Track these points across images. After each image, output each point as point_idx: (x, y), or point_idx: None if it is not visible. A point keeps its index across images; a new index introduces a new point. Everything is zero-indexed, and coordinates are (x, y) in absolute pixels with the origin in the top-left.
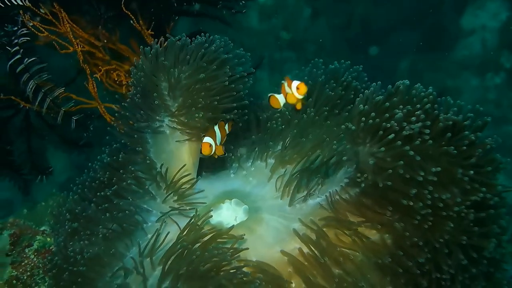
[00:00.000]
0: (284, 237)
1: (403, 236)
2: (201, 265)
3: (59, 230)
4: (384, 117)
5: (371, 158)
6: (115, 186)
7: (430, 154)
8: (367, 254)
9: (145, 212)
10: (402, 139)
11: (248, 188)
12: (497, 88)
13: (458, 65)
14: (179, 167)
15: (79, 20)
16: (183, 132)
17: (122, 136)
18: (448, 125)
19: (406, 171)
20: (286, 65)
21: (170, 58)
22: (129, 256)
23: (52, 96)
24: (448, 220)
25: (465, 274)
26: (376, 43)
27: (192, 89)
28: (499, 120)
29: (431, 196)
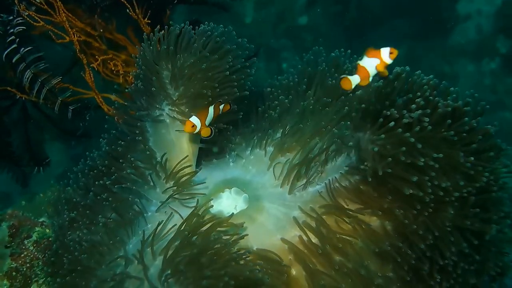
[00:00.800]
0: (284, 225)
1: (403, 223)
2: (202, 254)
3: (57, 219)
4: (384, 104)
5: (371, 145)
6: (114, 175)
7: (430, 140)
8: (367, 241)
9: (145, 201)
10: (402, 126)
11: (248, 176)
12: (492, 74)
13: (454, 51)
14: (179, 156)
15: (75, 10)
16: (183, 121)
17: (121, 124)
18: (448, 111)
19: (407, 158)
20: (282, 53)
21: (173, 47)
22: (130, 245)
23: (49, 86)
24: (449, 206)
25: (466, 260)
26: (373, 30)
27: (193, 78)
28: (495, 106)
29: (432, 183)
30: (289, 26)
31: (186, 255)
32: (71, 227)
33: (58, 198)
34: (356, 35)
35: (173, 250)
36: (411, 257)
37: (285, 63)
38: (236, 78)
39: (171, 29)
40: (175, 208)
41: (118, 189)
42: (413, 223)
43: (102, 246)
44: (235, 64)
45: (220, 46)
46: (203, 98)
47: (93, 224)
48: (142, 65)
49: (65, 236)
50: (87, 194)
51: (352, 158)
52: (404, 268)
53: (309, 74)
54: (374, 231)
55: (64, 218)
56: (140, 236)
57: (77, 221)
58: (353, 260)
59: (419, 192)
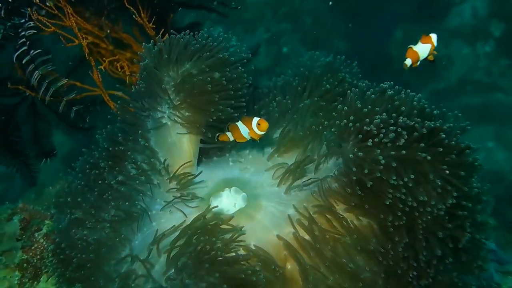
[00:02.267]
0: (280, 222)
1: (386, 225)
2: (205, 252)
3: (61, 217)
4: (364, 121)
5: (352, 155)
6: (117, 173)
7: (405, 158)
8: (355, 238)
9: (148, 199)
10: (379, 144)
11: (247, 175)
12: (487, 56)
13: (450, 33)
14: (180, 156)
15: (84, 12)
16: (183, 124)
17: (123, 123)
18: (424, 133)
19: (383, 174)
20: (283, 37)
21: (173, 55)
22: (136, 242)
23: (56, 86)
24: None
25: (440, 261)
26: (370, 13)
27: (193, 85)
28: (490, 87)
29: (405, 197)
30: (289, 10)
31: (189, 254)
32: (76, 225)
33: (61, 196)
34: (355, 17)
35: (177, 248)
36: (393, 255)
37: (285, 47)
38: (233, 87)
39: (172, 37)
40: (177, 207)
41: (122, 187)
42: (393, 226)
43: (108, 243)
44: (232, 73)
45: (218, 55)
46: (202, 103)
47: (99, 222)
48: (144, 72)
49: (71, 234)
50: (90, 192)
51: (340, 163)
52: (388, 264)
53: (306, 77)
54: (361, 229)
55: (68, 216)
56: (146, 234)
57: (81, 219)
58: (342, 255)
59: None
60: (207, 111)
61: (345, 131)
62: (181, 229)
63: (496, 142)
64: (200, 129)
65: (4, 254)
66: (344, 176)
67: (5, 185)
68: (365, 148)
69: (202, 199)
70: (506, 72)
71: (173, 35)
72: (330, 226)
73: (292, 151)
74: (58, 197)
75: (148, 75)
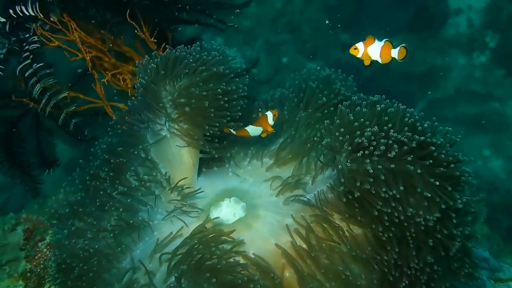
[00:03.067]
0: (278, 231)
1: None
2: (204, 260)
3: (61, 227)
4: (355, 134)
5: (344, 167)
6: (118, 184)
7: (395, 171)
8: (350, 247)
9: (150, 209)
10: (370, 156)
11: (246, 186)
12: (482, 66)
13: (446, 44)
14: (180, 167)
15: (86, 26)
16: (182, 137)
17: (123, 135)
18: (414, 147)
19: (372, 186)
20: (282, 47)
21: (170, 70)
22: (137, 251)
23: (57, 99)
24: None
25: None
26: (369, 23)
27: (189, 99)
28: (485, 97)
29: (395, 208)
30: (289, 20)
31: (189, 262)
32: (76, 235)
33: (61, 206)
34: (353, 27)
35: (178, 257)
36: (387, 263)
37: (285, 57)
38: (230, 98)
39: (168, 53)
40: (178, 217)
41: (123, 198)
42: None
43: (110, 252)
44: (229, 86)
45: (214, 69)
46: (200, 116)
47: (100, 232)
48: (141, 87)
49: (72, 244)
50: (90, 203)
51: (335, 174)
52: (382, 271)
53: (302, 90)
54: (356, 238)
55: (69, 226)
56: (147, 243)
57: (82, 229)
58: (338, 263)
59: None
60: (204, 125)
61: (337, 143)
62: (181, 238)
63: (492, 151)
64: (199, 141)
65: (8, 264)
66: (338, 186)
67: (5, 195)
68: (356, 160)
69: (203, 209)
70: (501, 82)
71: (169, 50)
72: (327, 235)
73: (290, 163)
74: (58, 208)
75: (146, 90)
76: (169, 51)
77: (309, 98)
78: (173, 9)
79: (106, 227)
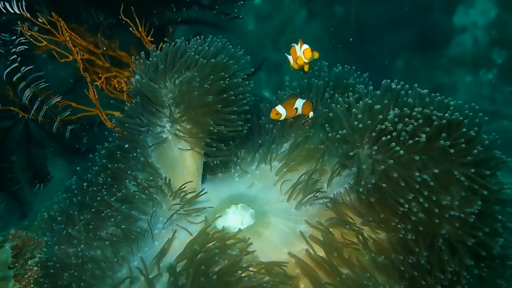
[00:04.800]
0: (291, 239)
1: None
2: (210, 271)
3: (53, 235)
4: (377, 118)
5: (368, 160)
6: (116, 190)
7: (426, 154)
8: (373, 253)
9: (150, 218)
10: (397, 140)
11: (254, 191)
12: (490, 84)
13: (452, 62)
14: (183, 172)
15: (78, 29)
16: (185, 138)
17: (122, 139)
18: (443, 124)
19: (402, 174)
20: (284, 66)
21: (170, 65)
22: (135, 262)
23: (49, 105)
24: (446, 222)
25: (470, 272)
26: (371, 43)
27: (193, 95)
28: (494, 115)
29: (429, 199)
30: (290, 39)
31: (193, 272)
32: (69, 242)
33: (54, 213)
34: (355, 47)
35: (179, 267)
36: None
37: (287, 76)
38: (236, 93)
39: (166, 46)
40: (181, 225)
41: (122, 205)
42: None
43: (105, 261)
44: (233, 78)
45: (217, 61)
46: (204, 113)
47: (94, 240)
48: (140, 84)
49: (63, 249)
50: (86, 209)
51: (354, 173)
52: (411, 279)
53: (312, 88)
54: (380, 243)
55: (61, 233)
56: (147, 254)
57: (75, 236)
58: (359, 272)
59: (415, 209)
60: (209, 122)
61: (356, 134)
62: (184, 248)
63: None
64: (203, 142)
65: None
66: (360, 184)
67: None
68: (382, 147)
69: (207, 218)
70: (510, 99)
71: (166, 44)
72: (346, 241)
73: (302, 166)
74: (51, 213)
75: (144, 88)
76: (168, 45)
77: (320, 96)
78: (170, 5)
79: (102, 235)
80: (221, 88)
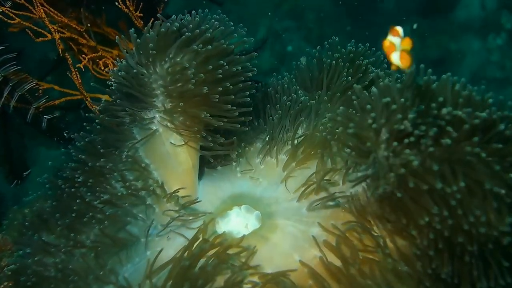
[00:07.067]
0: (302, 244)
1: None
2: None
3: (26, 242)
4: (395, 117)
5: (384, 162)
6: (99, 191)
7: (452, 161)
8: (395, 263)
9: (141, 223)
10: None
11: (259, 190)
12: (499, 50)
13: (459, 27)
14: (176, 169)
15: (58, 3)
16: (178, 131)
17: (105, 131)
18: (476, 125)
19: (421, 185)
20: (286, 34)
21: (162, 48)
22: (125, 274)
23: (22, 91)
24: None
25: None
26: (377, 9)
27: (187, 83)
28: (504, 82)
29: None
30: (292, 6)
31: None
32: (45, 251)
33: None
34: (360, 14)
35: (174, 279)
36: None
37: (290, 46)
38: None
39: (158, 25)
40: (178, 231)
41: (107, 208)
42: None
43: (88, 275)
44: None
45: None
46: (199, 105)
47: (76, 247)
48: (125, 70)
49: (38, 261)
50: (64, 212)
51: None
52: None
53: (323, 69)
54: (403, 251)
55: (35, 240)
56: (138, 265)
57: (52, 244)
58: (380, 283)
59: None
60: (206, 114)
61: (371, 132)
62: (179, 257)
63: None
64: (199, 135)
65: None
66: (377, 187)
67: None
68: (399, 152)
69: (206, 221)
70: None
71: (158, 23)
72: (365, 247)
73: (313, 159)
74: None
75: (131, 73)
76: (159, 24)
77: (332, 78)
78: None
79: (84, 243)
80: (219, 77)
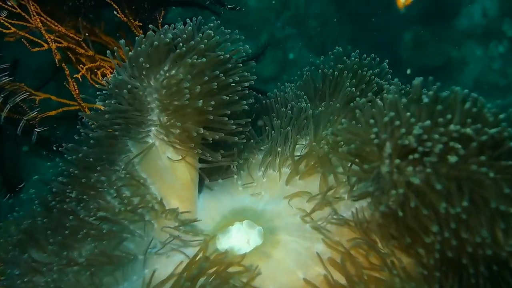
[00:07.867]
0: (306, 261)
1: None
2: None
3: (14, 261)
4: (399, 133)
5: (387, 178)
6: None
7: (459, 179)
8: (402, 281)
9: (139, 239)
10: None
11: (261, 204)
12: (501, 57)
13: (461, 35)
14: (175, 183)
15: (56, 12)
16: (175, 145)
17: (99, 144)
18: (484, 142)
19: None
20: (288, 42)
21: (156, 61)
22: None
23: (14, 102)
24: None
25: None
26: (379, 16)
27: (184, 96)
28: (505, 89)
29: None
30: (294, 14)
31: None
32: (35, 270)
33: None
34: (362, 20)
35: None
36: None
37: (291, 53)
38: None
39: (151, 36)
40: (177, 248)
41: (102, 225)
42: None
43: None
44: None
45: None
46: (196, 118)
47: (69, 265)
48: (117, 83)
49: (29, 282)
50: (55, 228)
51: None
52: None
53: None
54: (410, 269)
55: (24, 259)
56: (135, 284)
57: (43, 262)
58: None
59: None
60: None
61: (375, 148)
62: (178, 275)
63: None
64: (198, 149)
65: None
66: (380, 203)
67: None
68: (402, 169)
69: (206, 237)
70: None
71: (151, 33)
72: (371, 266)
73: (316, 172)
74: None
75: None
76: (152, 35)
77: (335, 89)
78: None
79: (78, 261)
80: (215, 88)
